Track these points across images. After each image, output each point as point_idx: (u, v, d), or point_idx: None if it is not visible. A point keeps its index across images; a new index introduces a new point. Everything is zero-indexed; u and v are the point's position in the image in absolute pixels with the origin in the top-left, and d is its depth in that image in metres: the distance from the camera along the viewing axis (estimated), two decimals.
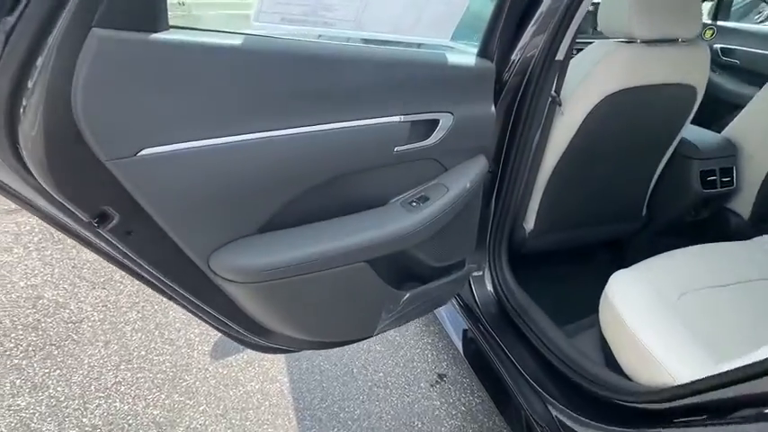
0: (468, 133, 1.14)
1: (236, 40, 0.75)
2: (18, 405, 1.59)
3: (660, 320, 1.16)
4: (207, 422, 1.60)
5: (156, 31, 0.67)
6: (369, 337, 1.29)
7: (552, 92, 1.37)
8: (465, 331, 1.66)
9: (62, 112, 0.64)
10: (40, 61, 0.61)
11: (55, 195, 0.70)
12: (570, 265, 1.90)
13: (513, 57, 1.24)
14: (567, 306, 1.57)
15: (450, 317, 1.75)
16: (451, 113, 1.06)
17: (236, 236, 0.89)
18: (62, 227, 0.86)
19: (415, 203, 1.09)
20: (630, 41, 1.40)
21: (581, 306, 1.52)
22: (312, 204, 0.97)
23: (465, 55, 1.09)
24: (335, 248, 0.96)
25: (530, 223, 1.70)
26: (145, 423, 1.57)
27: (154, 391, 1.69)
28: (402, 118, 0.98)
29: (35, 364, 1.74)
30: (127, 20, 0.64)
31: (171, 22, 0.71)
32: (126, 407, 1.62)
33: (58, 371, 1.72)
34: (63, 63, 0.62)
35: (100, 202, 0.74)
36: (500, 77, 1.25)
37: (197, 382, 1.73)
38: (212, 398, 1.68)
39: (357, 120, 0.92)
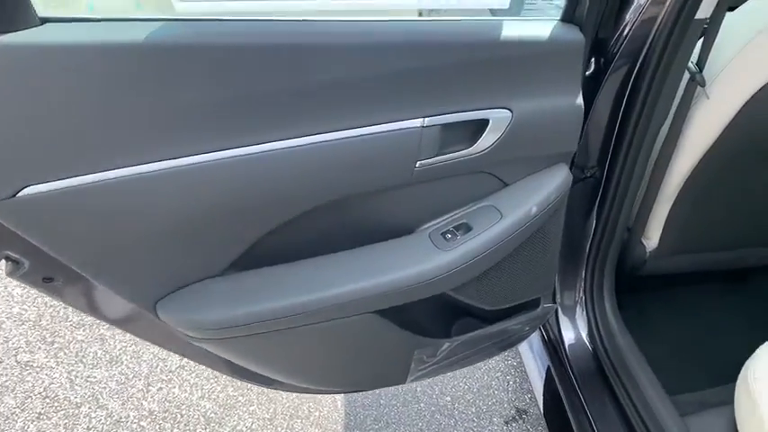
0: (538, 136, 0.80)
1: (155, 27, 0.53)
2: (94, 377, 1.66)
3: None
4: (253, 426, 1.51)
5: (11, 30, 0.47)
6: (400, 384, 1.05)
7: (692, 65, 0.92)
8: (548, 370, 1.33)
9: None
10: None
11: None
12: (705, 299, 1.41)
13: (625, 17, 0.83)
14: (690, 364, 1.15)
15: (531, 346, 1.41)
16: (509, 110, 0.73)
17: (188, 281, 0.69)
18: None
19: (450, 235, 0.79)
20: None
21: (711, 367, 1.09)
22: (298, 237, 0.73)
23: (534, 23, 0.73)
24: (324, 298, 0.72)
25: (652, 240, 1.27)
26: (195, 416, 1.54)
27: (211, 380, 1.65)
28: (425, 121, 0.68)
29: (116, 336, 1.81)
30: None
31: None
32: (183, 395, 1.61)
33: (133, 346, 1.77)
34: None
35: None
36: (604, 49, 0.86)
37: None
38: (264, 398, 1.59)
39: (350, 129, 0.65)
